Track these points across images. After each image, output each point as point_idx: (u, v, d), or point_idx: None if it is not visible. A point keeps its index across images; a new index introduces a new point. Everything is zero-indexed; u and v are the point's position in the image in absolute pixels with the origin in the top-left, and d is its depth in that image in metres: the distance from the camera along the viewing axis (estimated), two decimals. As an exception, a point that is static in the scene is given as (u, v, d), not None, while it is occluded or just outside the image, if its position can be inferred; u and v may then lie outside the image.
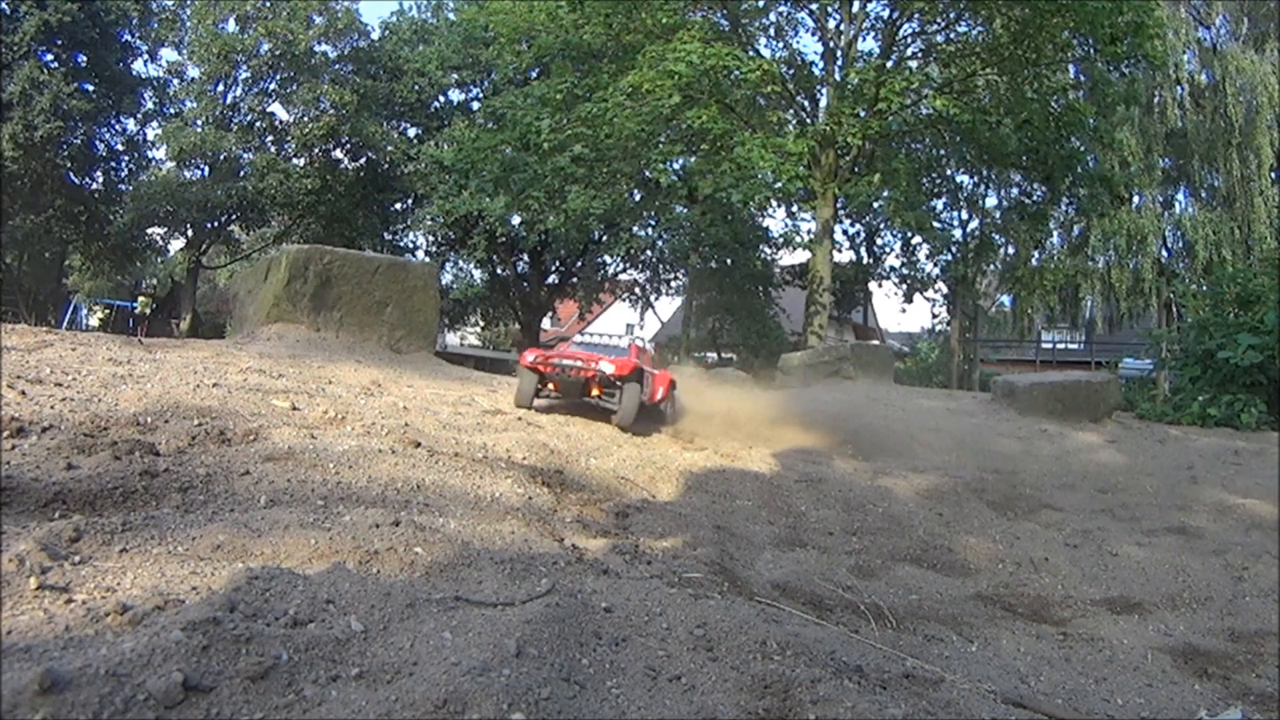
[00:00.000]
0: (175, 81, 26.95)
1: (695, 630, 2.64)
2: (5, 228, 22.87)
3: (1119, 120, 20.17)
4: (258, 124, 26.39)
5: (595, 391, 8.40)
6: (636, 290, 31.28)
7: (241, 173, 25.74)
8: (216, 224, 26.99)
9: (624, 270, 30.13)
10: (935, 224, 21.47)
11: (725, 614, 2.78)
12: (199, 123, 25.77)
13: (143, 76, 25.97)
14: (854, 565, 5.07)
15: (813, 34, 20.41)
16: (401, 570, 3.13)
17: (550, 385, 8.46)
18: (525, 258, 28.85)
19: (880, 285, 28.16)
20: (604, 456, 6.65)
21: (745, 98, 17.53)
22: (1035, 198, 21.50)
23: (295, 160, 26.55)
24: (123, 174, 26.08)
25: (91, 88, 23.23)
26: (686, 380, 12.58)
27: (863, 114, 16.45)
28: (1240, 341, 11.20)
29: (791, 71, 19.01)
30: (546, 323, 33.95)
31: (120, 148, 25.90)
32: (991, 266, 25.25)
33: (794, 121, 19.25)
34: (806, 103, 19.46)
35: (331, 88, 24.88)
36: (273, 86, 26.18)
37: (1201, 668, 3.90)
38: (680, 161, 19.12)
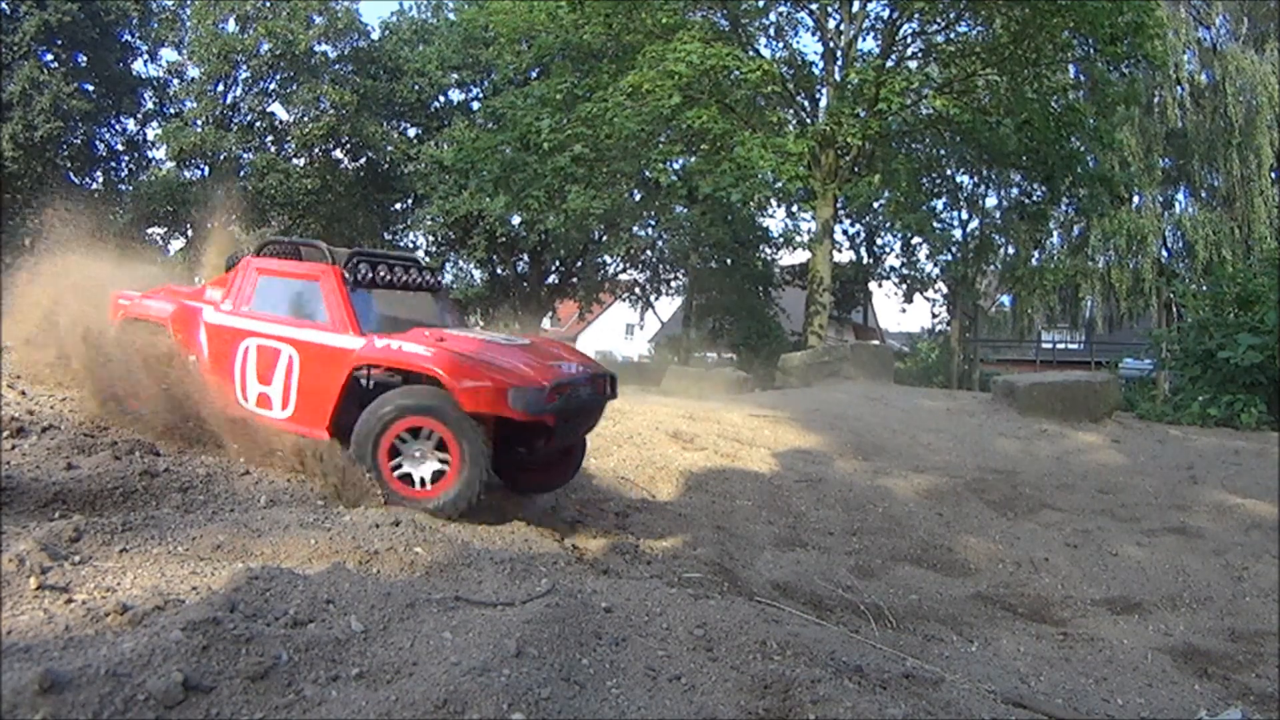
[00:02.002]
0: (175, 81, 26.94)
1: (695, 630, 2.64)
2: (5, 228, 22.86)
3: (1119, 120, 20.12)
4: (258, 124, 26.38)
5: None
6: (636, 290, 31.28)
7: (241, 173, 25.74)
8: (216, 224, 27.00)
9: (624, 270, 30.12)
10: (935, 224, 21.46)
11: (725, 614, 2.78)
12: (199, 123, 25.76)
13: (143, 76, 25.97)
14: (854, 565, 5.07)
15: (813, 34, 20.38)
16: (401, 570, 3.14)
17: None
18: (525, 258, 28.86)
19: (880, 285, 28.18)
20: (604, 456, 6.64)
21: (745, 98, 17.51)
22: (1035, 198, 21.47)
23: (295, 160, 26.54)
24: (123, 174, 26.09)
25: (91, 88, 23.22)
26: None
27: (863, 114, 16.43)
28: (1240, 341, 11.18)
29: (791, 71, 19.00)
30: (547, 322, 33.95)
31: (120, 148, 25.90)
32: (991, 266, 25.22)
33: (794, 121, 19.23)
34: (806, 103, 19.45)
35: (331, 88, 24.87)
36: (273, 86, 26.17)
37: (1201, 668, 3.90)
38: (680, 161, 19.10)
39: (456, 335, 4.47)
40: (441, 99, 27.41)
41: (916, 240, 24.52)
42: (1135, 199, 23.60)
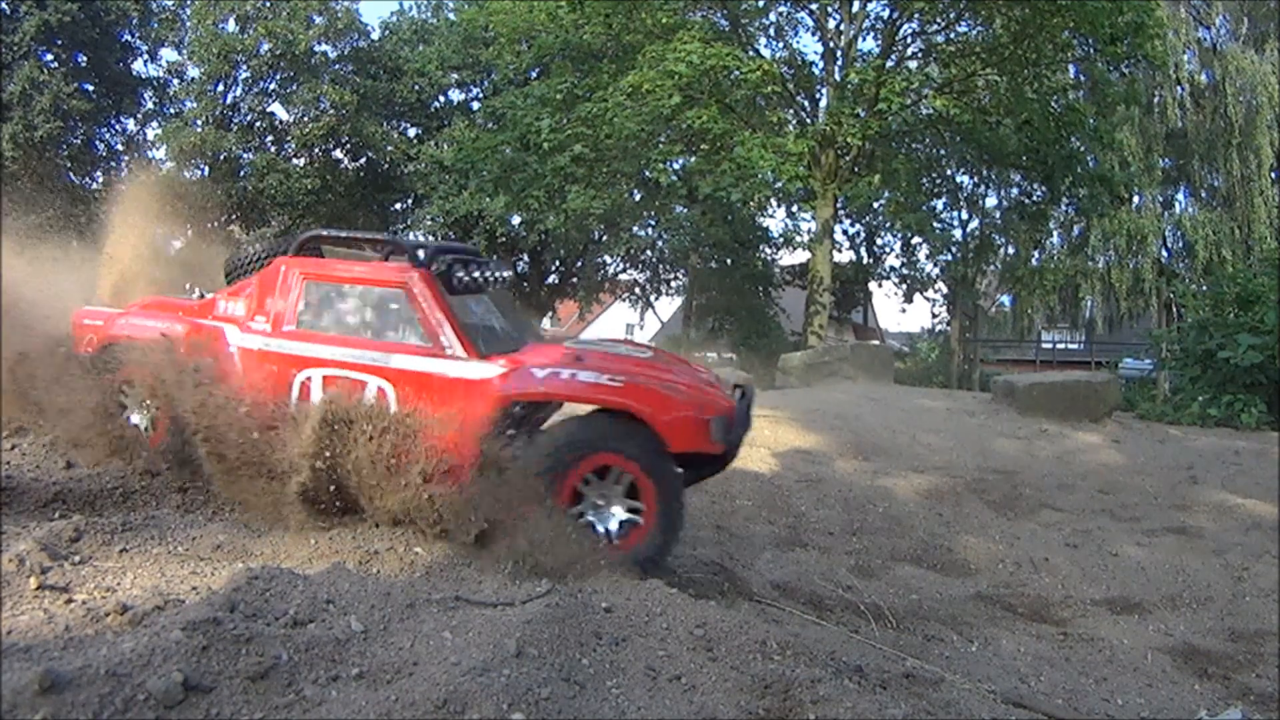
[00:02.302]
0: (175, 81, 26.95)
1: (695, 630, 2.64)
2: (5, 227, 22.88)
3: (1119, 120, 20.14)
4: (258, 124, 26.40)
5: None
6: (636, 290, 31.30)
7: (241, 173, 25.76)
8: (216, 224, 27.00)
9: (624, 270, 30.15)
10: (935, 224, 21.47)
11: (725, 614, 2.78)
12: (199, 123, 25.77)
13: (143, 76, 25.98)
14: (854, 565, 5.07)
15: (813, 34, 20.39)
16: (401, 570, 3.14)
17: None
18: (525, 258, 28.88)
19: (880, 285, 28.18)
20: (604, 456, 6.63)
21: (745, 98, 17.52)
22: (1035, 198, 21.48)
23: (295, 160, 26.57)
24: (123, 174, 26.10)
25: (91, 88, 23.24)
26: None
27: (863, 114, 16.44)
28: (1240, 341, 11.18)
29: (791, 71, 19.01)
30: (547, 322, 33.97)
31: (120, 148, 25.92)
32: (991, 266, 25.24)
33: (794, 121, 19.24)
34: (806, 103, 19.46)
35: (331, 88, 24.88)
36: (273, 86, 26.19)
37: (1201, 668, 3.90)
38: (680, 161, 19.12)
39: (597, 353, 3.68)
40: (441, 99, 27.43)
41: (916, 240, 24.53)
42: (1135, 199, 23.60)
